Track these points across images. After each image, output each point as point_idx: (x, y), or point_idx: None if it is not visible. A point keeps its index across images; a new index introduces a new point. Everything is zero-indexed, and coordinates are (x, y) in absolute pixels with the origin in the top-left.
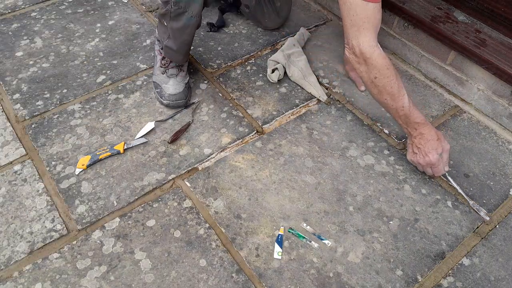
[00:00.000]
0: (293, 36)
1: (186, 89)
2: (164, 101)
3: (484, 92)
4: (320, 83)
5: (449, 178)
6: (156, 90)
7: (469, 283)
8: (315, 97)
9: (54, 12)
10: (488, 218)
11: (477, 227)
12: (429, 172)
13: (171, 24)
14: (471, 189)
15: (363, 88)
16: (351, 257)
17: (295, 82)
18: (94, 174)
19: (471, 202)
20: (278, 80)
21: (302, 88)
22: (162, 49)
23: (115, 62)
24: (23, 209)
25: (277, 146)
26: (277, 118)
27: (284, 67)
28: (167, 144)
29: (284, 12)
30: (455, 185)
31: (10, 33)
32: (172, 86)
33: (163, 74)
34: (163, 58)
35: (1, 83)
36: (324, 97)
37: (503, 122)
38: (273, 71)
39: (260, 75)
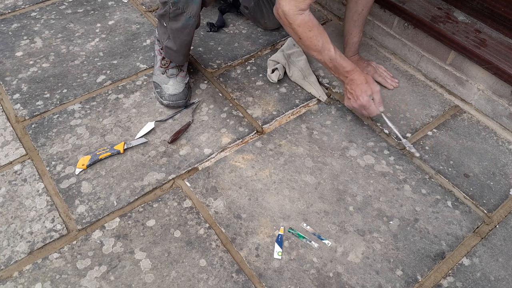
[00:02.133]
0: None
1: (186, 89)
2: (164, 101)
3: (484, 92)
4: (320, 83)
5: (385, 118)
6: (156, 90)
7: (469, 283)
8: (315, 97)
9: (54, 12)
10: (418, 155)
11: (477, 227)
12: (365, 114)
13: (170, 25)
14: (471, 189)
15: None
16: (351, 257)
17: (295, 82)
18: (94, 174)
19: (403, 140)
20: (278, 80)
21: (302, 88)
22: (162, 49)
23: (115, 62)
24: (23, 209)
25: (277, 146)
26: (277, 118)
27: (284, 67)
28: (167, 144)
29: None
30: (390, 124)
31: (10, 33)
32: (172, 86)
33: (163, 74)
34: (163, 58)
35: (1, 83)
36: (324, 97)
37: (503, 122)
38: (273, 71)
39: (260, 75)
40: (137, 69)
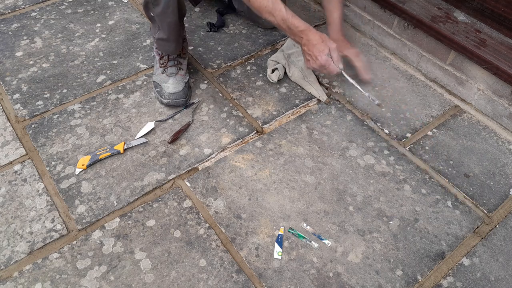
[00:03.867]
0: None
1: (186, 88)
2: (164, 100)
3: (484, 92)
4: (320, 83)
5: (345, 75)
6: (156, 90)
7: (469, 283)
8: (315, 97)
9: (54, 12)
10: (377, 102)
11: (477, 227)
12: (326, 73)
13: (155, 11)
14: (471, 189)
15: (341, 66)
16: (351, 257)
17: (295, 82)
18: (94, 174)
19: (366, 94)
20: (278, 80)
21: (302, 88)
22: (156, 44)
23: (115, 62)
24: (23, 209)
25: (277, 146)
26: (277, 118)
27: (284, 67)
28: (167, 144)
29: None
30: (351, 80)
31: (10, 33)
32: (172, 85)
33: (162, 73)
34: (161, 58)
35: (1, 83)
36: (324, 97)
37: (503, 122)
38: (273, 71)
39: (260, 75)
40: (137, 69)
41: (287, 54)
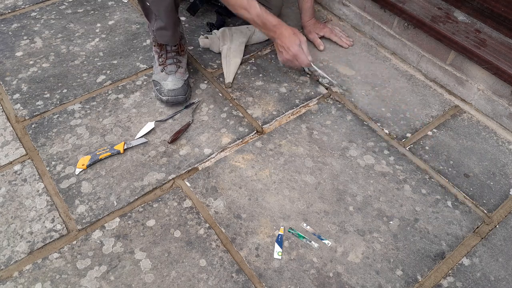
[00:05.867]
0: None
1: (186, 85)
2: (164, 97)
3: (484, 92)
4: (320, 83)
5: (314, 66)
6: (156, 88)
7: (469, 283)
8: (314, 97)
9: (54, 12)
10: (328, 80)
11: (477, 227)
12: (297, 65)
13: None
14: (471, 189)
15: (322, 47)
16: (351, 257)
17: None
18: (94, 174)
19: (335, 82)
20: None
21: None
22: (154, 36)
23: (115, 62)
24: (23, 209)
25: (277, 146)
26: (277, 118)
27: (219, 39)
28: (167, 144)
29: (274, 11)
30: (320, 72)
31: (10, 33)
32: (171, 82)
33: (162, 71)
34: (160, 56)
35: (1, 83)
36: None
37: (503, 122)
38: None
39: (260, 75)
40: (137, 69)
41: (231, 33)
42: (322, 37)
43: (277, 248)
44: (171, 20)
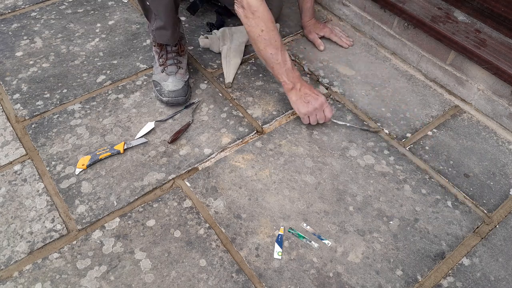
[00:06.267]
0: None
1: (186, 86)
2: (164, 98)
3: (484, 92)
4: (320, 83)
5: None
6: (156, 89)
7: (469, 283)
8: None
9: (54, 12)
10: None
11: (477, 227)
12: (321, 118)
13: None
14: (471, 189)
15: (322, 47)
16: (351, 257)
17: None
18: (94, 174)
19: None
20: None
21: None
22: (154, 36)
23: (115, 62)
24: (23, 209)
25: (277, 146)
26: (277, 118)
27: (219, 40)
28: (167, 144)
29: (274, 11)
30: (348, 124)
31: (10, 33)
32: (172, 83)
33: (162, 72)
34: (160, 57)
35: (1, 83)
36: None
37: (503, 122)
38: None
39: (260, 75)
40: (137, 69)
41: (231, 33)
42: (322, 37)
43: (277, 248)
44: (171, 20)
